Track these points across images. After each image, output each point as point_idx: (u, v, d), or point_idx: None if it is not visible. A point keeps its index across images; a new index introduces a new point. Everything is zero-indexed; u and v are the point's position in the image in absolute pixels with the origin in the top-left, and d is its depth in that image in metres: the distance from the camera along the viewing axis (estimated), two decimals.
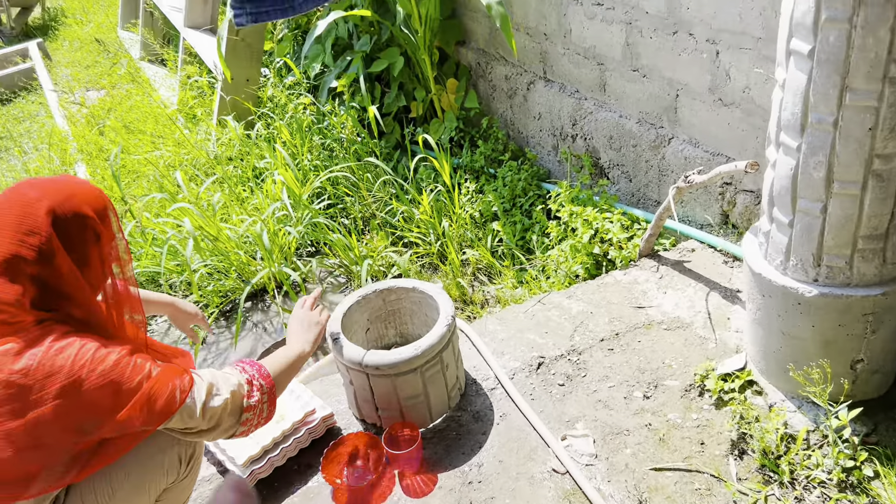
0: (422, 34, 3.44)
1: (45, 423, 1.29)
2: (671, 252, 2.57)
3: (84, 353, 1.32)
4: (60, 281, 1.37)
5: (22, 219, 1.35)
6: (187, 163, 3.80)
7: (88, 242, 1.43)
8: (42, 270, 1.35)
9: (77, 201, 1.41)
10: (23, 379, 1.28)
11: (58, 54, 7.00)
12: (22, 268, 1.33)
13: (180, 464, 1.54)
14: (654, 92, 2.64)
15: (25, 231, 1.34)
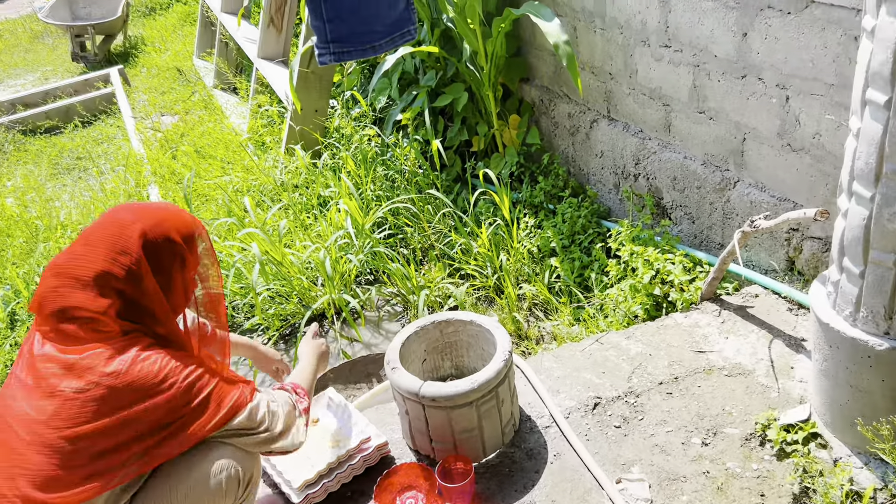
0: (487, 71, 3.50)
1: (130, 421, 1.42)
2: (734, 297, 2.53)
3: (166, 363, 1.47)
4: (145, 299, 1.51)
5: (116, 239, 1.49)
6: (255, 189, 3.92)
7: (174, 267, 1.56)
8: (129, 287, 1.48)
9: (167, 227, 1.55)
10: (112, 381, 1.42)
11: (136, 80, 7.32)
12: (112, 283, 1.47)
13: (238, 486, 1.58)
14: (720, 134, 2.62)
15: (118, 251, 1.48)
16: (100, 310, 1.45)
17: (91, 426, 1.40)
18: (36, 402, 1.42)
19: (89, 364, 1.42)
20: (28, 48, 9.53)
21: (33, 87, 7.73)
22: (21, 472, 1.39)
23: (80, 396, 1.41)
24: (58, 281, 1.47)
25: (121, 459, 1.43)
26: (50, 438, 1.40)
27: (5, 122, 6.26)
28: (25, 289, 3.33)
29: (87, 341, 1.45)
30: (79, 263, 1.47)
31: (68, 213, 4.17)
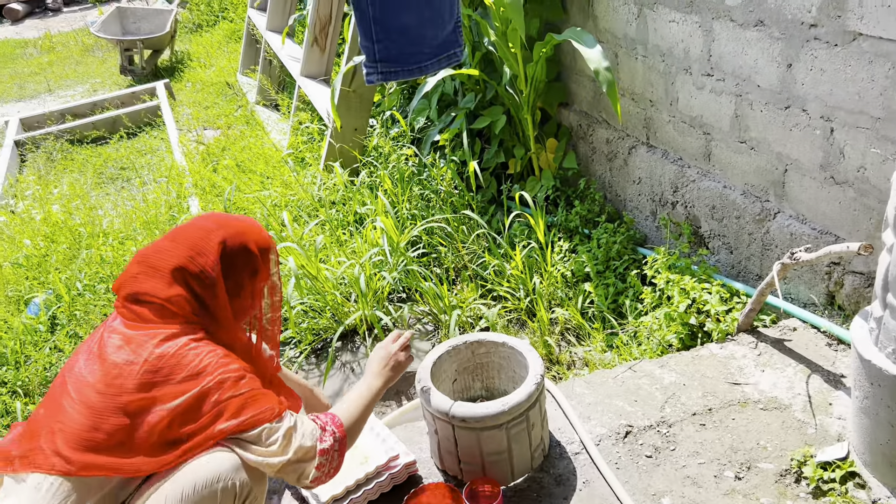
0: (526, 95, 3.52)
1: (157, 403, 1.51)
2: (771, 329, 2.49)
3: (208, 357, 1.56)
4: (211, 299, 1.64)
5: (197, 241, 1.65)
6: (293, 204, 3.98)
7: (245, 275, 1.71)
8: (199, 286, 1.62)
9: (246, 238, 1.71)
10: (155, 361, 1.53)
11: (181, 94, 7.50)
12: (185, 278, 1.61)
13: (234, 499, 1.55)
14: (761, 165, 2.60)
15: (197, 251, 1.64)
16: (167, 297, 1.58)
17: (126, 398, 1.51)
18: (91, 367, 1.56)
19: (143, 341, 1.55)
20: (79, 60, 9.83)
21: (82, 98, 7.96)
22: (60, 428, 1.51)
23: (124, 369, 1.52)
24: (139, 269, 1.63)
25: (141, 439, 1.51)
26: (91, 401, 1.52)
27: (55, 131, 6.45)
28: (67, 294, 3.41)
29: (153, 323, 1.58)
30: (160, 256, 1.63)
31: (111, 221, 4.26)
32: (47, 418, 1.55)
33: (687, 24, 2.75)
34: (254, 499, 1.61)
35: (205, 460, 1.54)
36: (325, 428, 1.66)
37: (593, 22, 3.34)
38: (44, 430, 1.54)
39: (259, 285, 1.75)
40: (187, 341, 1.56)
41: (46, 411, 1.57)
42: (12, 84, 9.11)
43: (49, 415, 1.56)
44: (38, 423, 1.56)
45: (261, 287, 1.76)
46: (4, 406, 2.95)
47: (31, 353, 3.15)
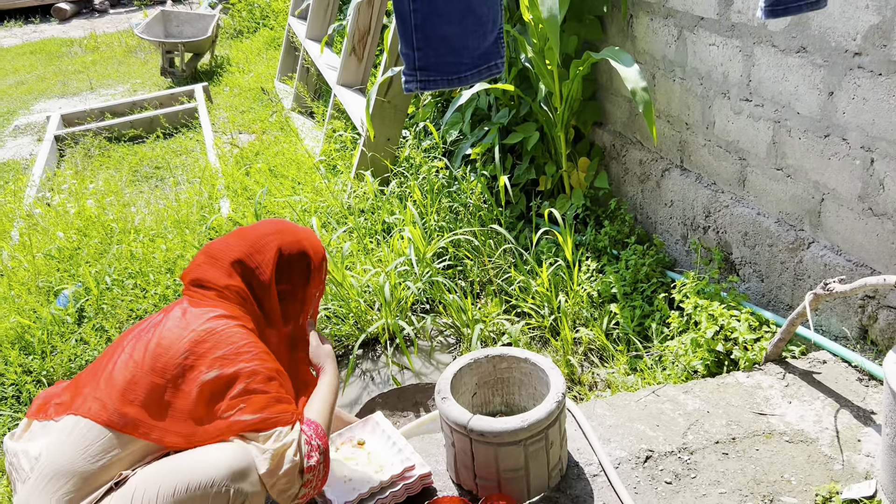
0: (560, 112, 3.51)
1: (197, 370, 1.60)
2: (800, 360, 2.43)
3: (254, 346, 1.66)
4: (264, 296, 1.77)
5: (257, 240, 1.80)
6: (322, 210, 4.00)
7: (299, 280, 1.83)
8: (254, 281, 1.76)
9: (303, 245, 1.85)
10: (203, 335, 1.63)
11: (218, 98, 7.61)
12: (242, 271, 1.76)
13: None
14: (797, 193, 2.56)
15: (256, 249, 1.78)
16: (225, 285, 1.72)
17: (167, 361, 1.60)
18: (149, 333, 1.67)
19: (199, 314, 1.67)
20: (121, 61, 10.03)
21: (123, 97, 8.12)
22: (106, 378, 1.62)
23: (175, 334, 1.63)
24: (204, 259, 1.78)
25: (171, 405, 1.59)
26: (138, 360, 1.62)
27: (94, 128, 6.57)
28: (95, 287, 3.45)
29: (214, 302, 1.71)
30: (223, 249, 1.78)
31: (143, 218, 4.32)
32: (94, 371, 1.66)
33: (727, 48, 2.72)
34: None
35: (204, 458, 1.55)
36: (310, 442, 1.68)
37: (632, 42, 3.33)
38: (89, 380, 1.64)
39: (311, 292, 1.87)
40: (238, 325, 1.67)
41: (94, 366, 1.68)
42: (56, 81, 9.32)
43: (97, 368, 1.66)
44: (84, 376, 1.67)
45: (312, 293, 1.88)
46: (29, 395, 2.98)
47: (58, 343, 3.19)
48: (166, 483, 1.51)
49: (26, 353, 3.18)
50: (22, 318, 3.28)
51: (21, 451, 1.59)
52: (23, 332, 3.25)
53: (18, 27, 13.57)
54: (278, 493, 1.62)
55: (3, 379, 3.02)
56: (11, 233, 4.35)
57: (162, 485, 1.51)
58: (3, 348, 3.17)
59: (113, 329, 3.24)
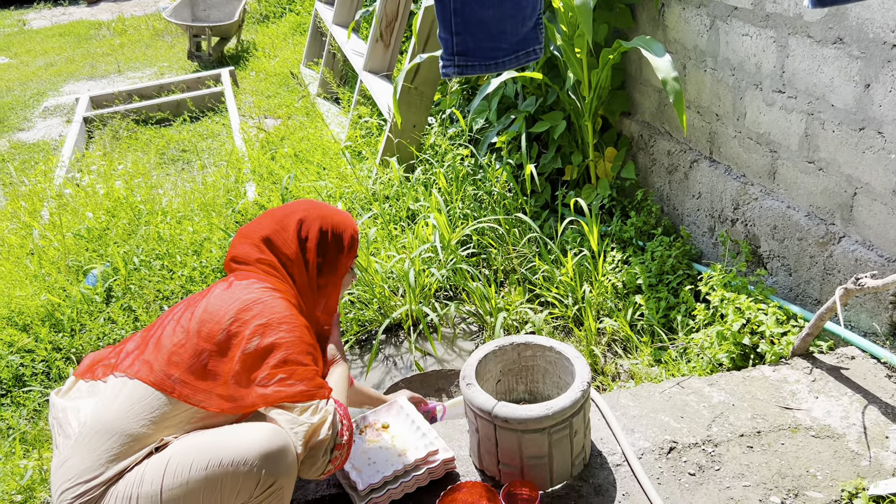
0: (588, 101, 3.48)
1: (241, 335, 1.64)
2: (828, 356, 2.41)
3: (296, 319, 1.71)
4: (298, 273, 1.83)
5: (284, 217, 1.86)
6: (347, 196, 4.01)
7: (329, 255, 1.87)
8: (284, 257, 1.82)
9: (332, 221, 1.89)
10: (251, 301, 1.68)
11: (245, 82, 7.64)
12: (271, 247, 1.82)
13: (256, 486, 1.56)
14: (828, 187, 2.53)
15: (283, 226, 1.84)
16: (258, 259, 1.80)
17: (213, 326, 1.64)
18: (198, 301, 1.73)
19: (245, 285, 1.73)
20: (149, 44, 10.11)
21: (150, 80, 8.19)
22: (155, 342, 1.67)
23: (223, 301, 1.68)
24: (238, 239, 1.87)
25: (215, 369, 1.63)
26: (187, 325, 1.67)
27: (122, 110, 6.64)
28: (124, 267, 3.50)
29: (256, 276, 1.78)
30: (254, 229, 1.86)
31: (170, 200, 4.37)
32: (143, 336, 1.71)
33: (761, 39, 2.69)
34: (278, 489, 1.60)
35: (240, 437, 1.57)
36: (343, 420, 1.72)
37: (663, 32, 3.29)
38: (138, 344, 1.69)
39: (340, 272, 1.90)
40: (281, 297, 1.72)
41: (144, 333, 1.73)
42: (85, 63, 9.42)
43: (146, 334, 1.72)
44: (132, 341, 1.72)
45: (342, 274, 1.91)
46: (58, 371, 3.04)
47: (87, 322, 3.25)
48: (200, 457, 1.54)
49: (56, 330, 3.24)
50: (52, 296, 3.33)
51: (71, 408, 1.63)
52: (53, 310, 3.31)
53: (48, 9, 13.71)
54: (308, 467, 1.65)
55: (33, 355, 3.08)
56: (42, 212, 4.42)
57: (196, 458, 1.54)
58: (34, 325, 3.23)
59: (140, 309, 3.29)
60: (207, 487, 1.54)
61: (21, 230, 4.25)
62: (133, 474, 1.56)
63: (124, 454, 1.57)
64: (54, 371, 3.04)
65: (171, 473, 1.54)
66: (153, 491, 1.53)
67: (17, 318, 3.28)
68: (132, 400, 1.60)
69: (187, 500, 1.53)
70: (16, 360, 3.05)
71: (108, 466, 1.55)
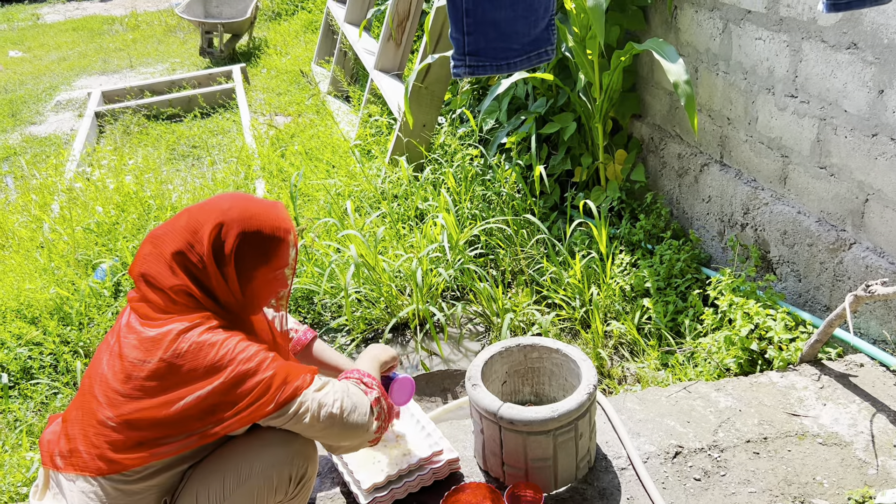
0: (599, 103, 3.47)
1: (182, 400, 1.45)
2: (836, 363, 2.40)
3: (227, 347, 1.49)
4: (216, 286, 1.56)
5: (200, 223, 1.54)
6: (356, 194, 4.02)
7: (257, 261, 1.58)
8: (200, 273, 1.54)
9: (258, 223, 1.57)
10: (173, 359, 1.46)
11: (256, 79, 7.66)
12: (185, 264, 1.53)
13: (289, 482, 1.59)
14: (840, 192, 2.51)
15: (197, 239, 1.53)
16: (170, 287, 1.52)
17: (147, 400, 1.45)
18: (112, 369, 1.50)
19: (158, 338, 1.47)
20: (161, 40, 10.15)
21: (161, 76, 8.21)
22: (94, 433, 1.49)
23: (143, 369, 1.46)
24: (150, 248, 1.56)
25: (170, 433, 1.47)
26: (117, 403, 1.47)
27: (133, 105, 6.66)
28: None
29: (166, 312, 1.51)
30: (167, 238, 1.55)
31: (179, 196, 4.38)
32: (81, 420, 1.52)
33: (774, 43, 2.67)
34: (308, 478, 1.64)
35: (260, 445, 1.57)
36: (361, 380, 1.66)
37: (675, 34, 3.28)
38: (79, 433, 1.51)
39: (275, 273, 1.62)
40: (201, 333, 1.48)
41: (78, 412, 1.53)
42: (97, 58, 9.46)
43: (81, 416, 1.52)
44: (73, 425, 1.53)
45: (278, 274, 1.64)
46: (66, 364, 3.05)
47: (95, 315, 3.26)
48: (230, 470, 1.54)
49: (64, 323, 3.25)
50: (61, 290, 3.35)
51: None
52: (61, 304, 3.32)
53: (62, 4, 13.79)
54: (360, 442, 1.62)
55: (41, 348, 3.10)
56: (52, 205, 4.44)
57: (227, 473, 1.54)
58: (43, 318, 3.24)
59: None
60: (245, 500, 1.55)
61: (31, 223, 4.27)
62: None
63: None
64: (62, 364, 3.05)
65: (206, 500, 1.53)
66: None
67: (26, 310, 3.29)
68: (104, 494, 1.49)
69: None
70: (24, 352, 3.06)
71: None
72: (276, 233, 1.59)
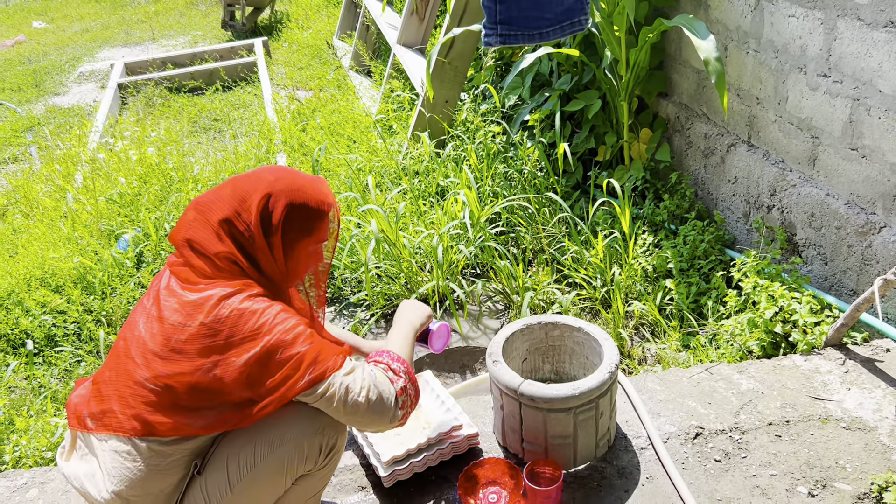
0: (625, 81, 3.42)
1: (219, 367, 1.46)
2: (862, 347, 2.36)
3: (267, 316, 1.49)
4: (261, 255, 1.57)
5: (249, 194, 1.56)
6: (377, 170, 4.00)
7: (300, 234, 1.60)
8: (246, 242, 1.55)
9: (303, 196, 1.59)
10: (213, 324, 1.47)
11: (277, 53, 7.64)
12: (232, 232, 1.54)
13: (319, 453, 1.60)
14: (871, 175, 2.46)
15: (245, 208, 1.55)
16: (215, 253, 1.53)
17: (186, 363, 1.47)
18: (150, 331, 1.52)
19: (200, 303, 1.48)
20: (183, 13, 10.13)
21: (183, 48, 8.21)
22: (131, 393, 1.50)
23: (184, 332, 1.47)
24: (195, 215, 1.57)
25: (205, 402, 1.49)
26: (155, 365, 1.49)
27: (155, 77, 6.67)
28: (155, 233, 3.54)
29: (208, 277, 1.52)
30: (214, 206, 1.56)
31: (201, 168, 4.39)
32: (115, 381, 1.53)
33: (808, 20, 2.61)
34: (338, 450, 1.64)
35: (289, 415, 1.57)
36: (389, 367, 1.64)
37: (705, 11, 3.21)
38: (114, 393, 1.52)
39: (315, 246, 1.65)
40: (242, 299, 1.49)
41: (112, 373, 1.55)
42: (120, 30, 9.48)
43: (116, 377, 1.53)
44: (107, 385, 1.54)
45: (318, 247, 1.66)
46: (89, 333, 3.09)
47: (117, 285, 3.29)
48: (260, 443, 1.55)
49: (87, 292, 3.29)
50: (84, 259, 3.38)
51: (84, 474, 1.55)
52: (85, 273, 3.35)
53: None
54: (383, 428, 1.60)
55: (65, 316, 3.13)
56: (76, 176, 4.47)
57: (257, 445, 1.54)
58: (67, 287, 3.28)
59: None
60: (275, 469, 1.55)
61: (55, 193, 4.31)
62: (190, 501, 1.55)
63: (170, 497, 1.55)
64: (85, 333, 3.08)
65: (235, 471, 1.54)
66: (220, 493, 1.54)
67: (51, 279, 3.33)
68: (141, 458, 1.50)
69: (255, 487, 1.55)
70: (48, 320, 3.10)
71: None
72: (321, 206, 1.61)
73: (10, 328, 3.07)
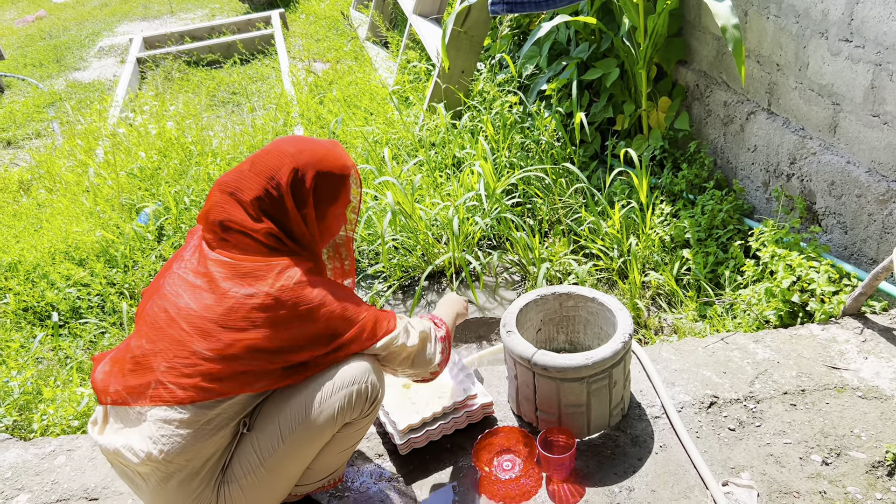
0: (644, 48, 3.37)
1: (286, 335, 1.55)
2: (881, 316, 2.34)
3: (325, 289, 1.59)
4: (295, 227, 1.64)
5: (273, 168, 1.62)
6: (393, 142, 4.00)
7: (327, 200, 1.69)
8: (280, 215, 1.62)
9: (326, 164, 1.66)
10: (280, 294, 1.54)
11: (294, 25, 7.61)
12: (265, 208, 1.61)
13: (366, 401, 1.66)
14: (893, 142, 2.42)
15: (274, 183, 1.61)
16: (255, 230, 1.59)
17: (255, 332, 1.53)
18: (200, 301, 1.55)
19: (261, 275, 1.55)
20: None
21: (201, 21, 8.21)
22: (186, 364, 1.53)
23: (248, 302, 1.53)
24: (223, 197, 1.62)
25: (270, 367, 1.56)
26: (215, 334, 1.53)
27: (174, 51, 6.69)
28: (175, 207, 3.58)
29: (251, 252, 1.58)
30: (240, 185, 1.62)
31: (220, 142, 4.41)
32: (165, 352, 1.54)
33: None
34: (379, 400, 1.71)
35: (336, 368, 1.64)
36: (434, 321, 1.82)
37: None
38: (163, 364, 1.54)
39: (340, 210, 1.73)
40: (301, 274, 1.57)
41: (157, 345, 1.56)
42: (138, 3, 9.49)
43: (165, 348, 1.55)
44: (154, 357, 1.55)
45: (342, 212, 1.75)
46: (112, 305, 3.15)
47: (139, 259, 3.34)
48: (310, 392, 1.62)
49: (110, 265, 3.34)
50: (106, 233, 3.43)
51: (122, 447, 1.55)
52: (107, 246, 3.40)
53: None
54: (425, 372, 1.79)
55: (89, 289, 3.19)
56: (97, 150, 4.52)
57: (308, 393, 1.61)
58: (90, 260, 3.33)
59: None
60: (327, 417, 1.61)
61: (77, 168, 4.36)
62: (241, 458, 1.62)
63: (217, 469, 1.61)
64: (108, 305, 3.14)
65: (287, 424, 1.61)
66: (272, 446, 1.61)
67: (74, 252, 3.39)
68: (185, 420, 1.53)
69: (305, 436, 1.61)
70: (73, 293, 3.16)
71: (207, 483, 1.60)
72: (344, 171, 1.70)
73: (36, 300, 3.13)
